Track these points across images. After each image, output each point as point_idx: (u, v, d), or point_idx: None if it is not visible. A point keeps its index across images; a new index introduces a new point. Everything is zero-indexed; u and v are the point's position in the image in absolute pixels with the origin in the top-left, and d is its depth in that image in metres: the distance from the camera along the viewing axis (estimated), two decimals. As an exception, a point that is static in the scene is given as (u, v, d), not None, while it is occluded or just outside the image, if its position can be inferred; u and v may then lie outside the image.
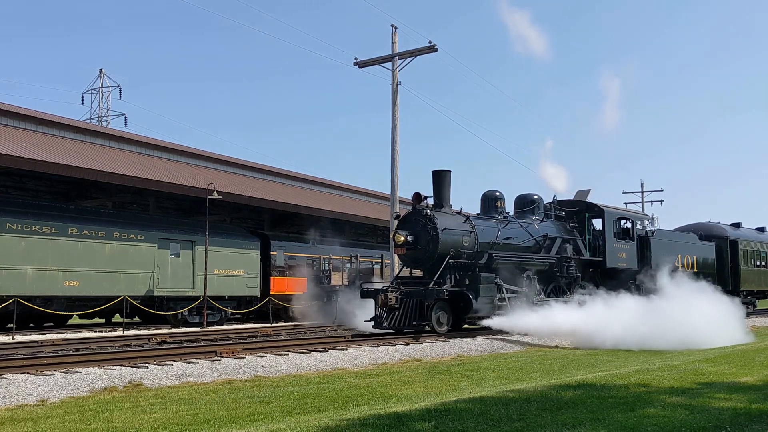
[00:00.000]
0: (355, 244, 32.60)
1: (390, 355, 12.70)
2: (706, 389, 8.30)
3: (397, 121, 23.72)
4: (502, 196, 19.17)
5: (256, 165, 34.29)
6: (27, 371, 9.42)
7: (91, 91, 55.52)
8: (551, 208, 20.72)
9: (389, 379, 9.73)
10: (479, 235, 17.31)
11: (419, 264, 16.97)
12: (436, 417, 6.43)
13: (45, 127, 24.43)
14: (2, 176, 22.46)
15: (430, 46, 23.29)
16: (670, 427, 5.96)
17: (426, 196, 16.80)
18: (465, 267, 16.85)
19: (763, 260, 30.35)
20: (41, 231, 19.53)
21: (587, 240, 20.81)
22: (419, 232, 16.43)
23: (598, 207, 21.32)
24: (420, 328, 15.47)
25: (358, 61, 24.40)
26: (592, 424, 6.06)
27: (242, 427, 6.33)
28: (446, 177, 17.43)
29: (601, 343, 15.03)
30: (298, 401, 7.76)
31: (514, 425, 6.08)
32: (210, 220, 23.24)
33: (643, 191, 50.01)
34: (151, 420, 6.74)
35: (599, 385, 8.56)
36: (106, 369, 9.84)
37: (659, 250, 22.59)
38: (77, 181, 22.90)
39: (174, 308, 22.84)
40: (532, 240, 18.94)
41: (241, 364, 10.79)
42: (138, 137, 29.19)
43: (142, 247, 22.00)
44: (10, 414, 7.27)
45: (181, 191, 24.39)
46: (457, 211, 17.52)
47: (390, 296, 15.66)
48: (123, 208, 25.84)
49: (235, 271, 24.96)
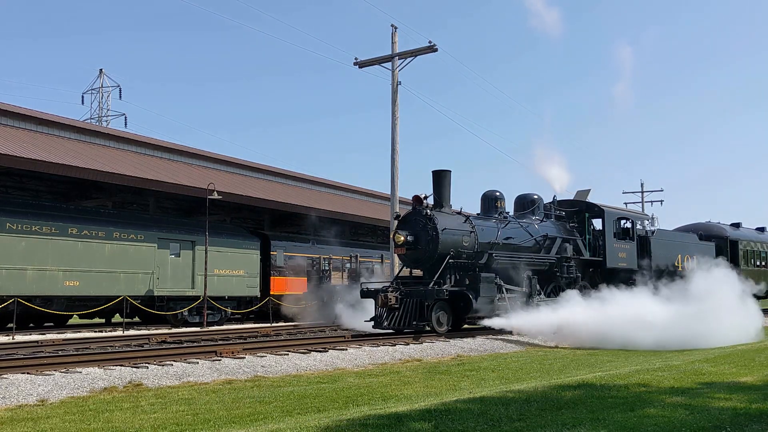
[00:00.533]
0: (355, 244, 32.61)
1: (390, 355, 12.70)
2: (706, 389, 8.30)
3: (397, 120, 23.73)
4: (502, 196, 19.19)
5: (256, 165, 34.29)
6: (27, 371, 9.42)
7: (91, 91, 55.56)
8: (551, 208, 20.74)
9: (389, 379, 9.73)
10: (479, 235, 17.32)
11: (419, 264, 16.98)
12: (436, 417, 6.43)
13: (45, 127, 24.43)
14: (2, 176, 22.45)
15: (430, 46, 23.30)
16: (670, 427, 5.97)
17: (426, 196, 16.80)
18: (465, 267, 16.87)
19: (763, 260, 30.36)
20: (41, 231, 19.53)
21: (587, 240, 20.82)
22: (419, 232, 16.44)
23: (598, 207, 21.33)
24: (420, 328, 15.47)
25: (358, 61, 24.41)
26: (592, 424, 6.06)
27: (242, 427, 6.33)
28: (446, 177, 17.45)
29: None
30: (298, 401, 7.76)
31: (514, 425, 6.08)
32: (210, 220, 23.24)
33: (643, 191, 50.04)
34: (151, 420, 6.74)
35: (599, 385, 8.56)
36: (106, 369, 9.84)
37: (659, 250, 22.60)
38: (77, 181, 22.89)
39: (174, 308, 22.84)
40: (532, 240, 18.94)
41: (241, 364, 10.79)
42: (138, 137, 29.18)
43: (142, 247, 22.00)
44: (10, 414, 7.27)
45: (181, 191, 24.39)
46: (457, 211, 17.53)
47: (390, 296, 15.67)
48: (123, 208, 25.83)
49: (235, 271, 24.97)
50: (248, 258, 25.57)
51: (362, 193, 40.53)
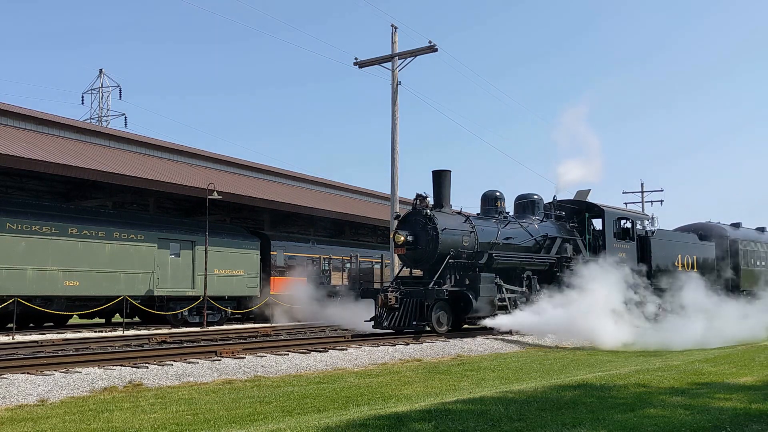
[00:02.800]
0: (355, 244, 32.60)
1: (390, 355, 12.70)
2: (706, 389, 8.29)
3: (397, 121, 23.72)
4: (502, 196, 19.17)
5: (256, 165, 34.30)
6: (27, 371, 9.42)
7: (91, 91, 55.54)
8: (551, 208, 20.72)
9: (389, 379, 9.73)
10: (479, 235, 17.33)
11: (419, 264, 16.97)
12: (436, 417, 6.43)
13: (45, 127, 24.44)
14: (2, 176, 22.46)
15: (430, 46, 23.30)
16: (670, 427, 5.96)
17: (426, 195, 16.77)
18: (465, 267, 16.86)
19: (763, 260, 30.35)
20: (41, 231, 19.53)
21: (587, 240, 20.81)
22: (419, 232, 16.44)
23: (598, 207, 21.31)
24: (420, 328, 15.47)
25: (358, 61, 24.41)
26: (592, 424, 6.06)
27: (242, 427, 6.33)
28: (446, 177, 17.45)
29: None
30: (298, 401, 7.76)
31: (514, 425, 6.08)
32: (210, 220, 23.25)
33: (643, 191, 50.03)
34: (151, 420, 6.74)
35: (599, 385, 8.56)
36: (106, 369, 9.84)
37: (659, 250, 22.58)
38: (77, 181, 22.90)
39: (174, 308, 22.84)
40: (532, 240, 18.95)
41: (241, 364, 10.80)
42: (138, 137, 29.20)
43: (142, 247, 22.00)
44: (10, 414, 7.27)
45: (181, 191, 24.39)
46: (457, 211, 17.53)
47: (390, 296, 15.67)
48: (123, 208, 25.83)
49: (235, 271, 24.97)
50: (248, 258, 25.57)
51: (362, 193, 40.54)
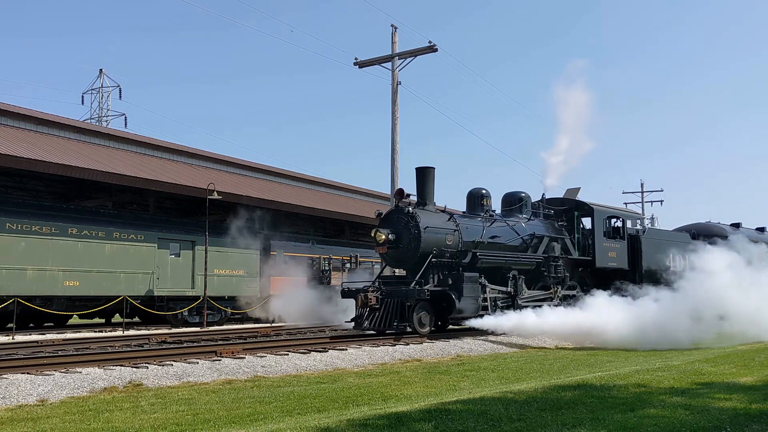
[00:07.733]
0: (355, 244, 32.57)
1: (390, 355, 12.70)
2: (705, 389, 8.30)
3: (397, 120, 23.73)
4: (488, 193, 18.76)
5: (256, 165, 34.29)
6: (27, 371, 9.43)
7: (91, 91, 55.49)
8: (539, 206, 20.24)
9: (389, 379, 9.73)
10: (463, 233, 16.89)
11: (401, 263, 16.60)
12: (436, 417, 6.43)
13: (45, 127, 24.44)
14: (2, 176, 22.45)
15: (430, 46, 23.31)
16: (670, 427, 5.97)
17: (408, 194, 16.49)
18: (448, 266, 16.47)
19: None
20: (41, 231, 19.53)
21: (576, 239, 20.34)
22: (401, 231, 16.04)
23: (587, 205, 20.81)
24: (401, 329, 15.13)
25: (358, 61, 24.42)
26: (592, 424, 6.06)
27: (242, 427, 6.33)
28: (430, 174, 17.00)
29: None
30: (298, 401, 7.76)
31: (514, 425, 6.08)
32: (210, 220, 23.25)
33: (643, 191, 50.13)
34: (151, 420, 6.74)
35: (599, 385, 8.56)
36: (106, 369, 9.84)
37: (651, 250, 22.04)
38: (77, 181, 22.89)
39: (174, 308, 22.84)
40: (518, 239, 18.49)
41: (241, 364, 10.80)
42: (138, 137, 29.20)
43: (142, 247, 22.00)
44: (10, 414, 7.27)
45: (181, 191, 24.38)
46: (441, 208, 17.12)
47: (370, 296, 15.28)
48: (123, 208, 25.81)
49: (235, 271, 24.97)
50: (248, 258, 25.57)
51: (362, 193, 40.52)
